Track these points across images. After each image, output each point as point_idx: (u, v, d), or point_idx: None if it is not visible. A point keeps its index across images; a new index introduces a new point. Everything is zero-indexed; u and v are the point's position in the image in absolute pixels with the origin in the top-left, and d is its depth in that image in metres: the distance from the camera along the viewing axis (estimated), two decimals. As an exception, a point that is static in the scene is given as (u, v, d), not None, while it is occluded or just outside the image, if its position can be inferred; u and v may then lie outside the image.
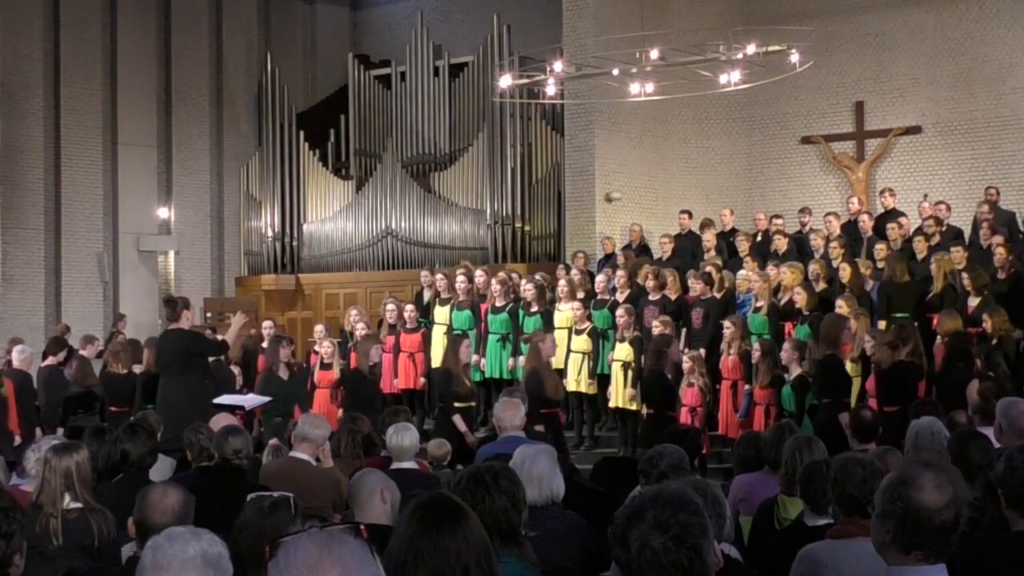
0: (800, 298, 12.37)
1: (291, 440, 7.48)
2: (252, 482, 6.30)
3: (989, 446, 5.51)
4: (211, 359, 11.53)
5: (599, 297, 13.69)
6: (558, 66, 14.56)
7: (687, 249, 15.51)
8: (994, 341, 11.07)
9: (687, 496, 2.64)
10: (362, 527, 2.20)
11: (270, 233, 20.65)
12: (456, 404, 11.39)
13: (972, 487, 5.00)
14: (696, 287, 13.32)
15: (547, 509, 4.76)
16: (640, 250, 16.07)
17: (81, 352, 14.36)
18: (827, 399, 10.34)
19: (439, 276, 14.43)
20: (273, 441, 9.23)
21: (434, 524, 2.69)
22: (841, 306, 11.81)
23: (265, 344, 14.32)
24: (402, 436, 7.04)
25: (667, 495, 2.62)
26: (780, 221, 15.52)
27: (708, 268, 13.74)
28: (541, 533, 4.30)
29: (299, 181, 20.69)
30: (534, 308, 13.41)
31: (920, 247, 13.22)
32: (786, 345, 11.55)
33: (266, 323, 14.79)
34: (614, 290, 13.77)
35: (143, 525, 4.14)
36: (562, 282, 13.63)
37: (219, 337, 12.26)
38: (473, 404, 12.20)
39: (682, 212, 16.26)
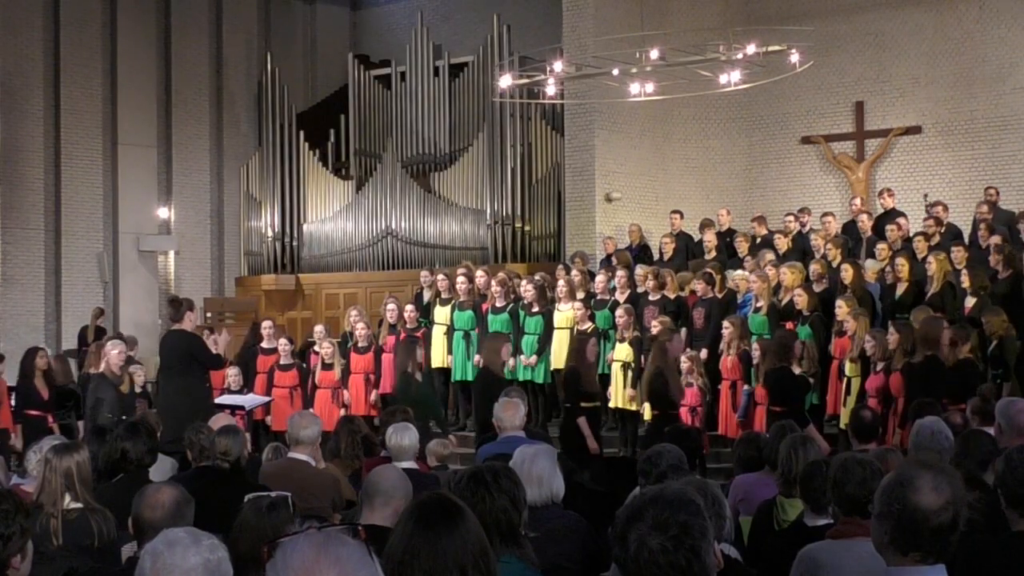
0: (801, 299, 12.36)
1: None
2: (253, 482, 6.30)
3: (992, 444, 5.50)
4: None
5: (599, 297, 13.67)
6: (558, 66, 14.55)
7: (680, 249, 15.50)
8: (994, 342, 11.05)
9: (687, 496, 2.63)
10: (360, 528, 2.19)
11: (270, 233, 20.64)
12: (583, 404, 11.25)
13: (983, 475, 5.00)
14: (698, 287, 13.31)
15: (547, 509, 4.76)
16: (639, 250, 16.06)
17: None
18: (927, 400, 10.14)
19: (440, 276, 14.42)
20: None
21: (431, 525, 2.69)
22: (841, 306, 11.80)
23: (265, 344, 14.30)
24: (401, 436, 7.04)
25: (667, 495, 2.62)
26: (753, 223, 15.46)
27: (708, 268, 13.73)
28: (541, 533, 4.30)
29: (299, 181, 20.69)
30: (535, 308, 13.40)
31: (920, 247, 13.21)
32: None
33: (266, 323, 14.77)
34: (614, 290, 13.77)
35: (137, 521, 4.14)
36: (561, 282, 13.62)
37: (217, 352, 12.29)
38: (599, 404, 11.78)
39: (673, 212, 16.23)
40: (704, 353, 12.46)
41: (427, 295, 14.71)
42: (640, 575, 2.54)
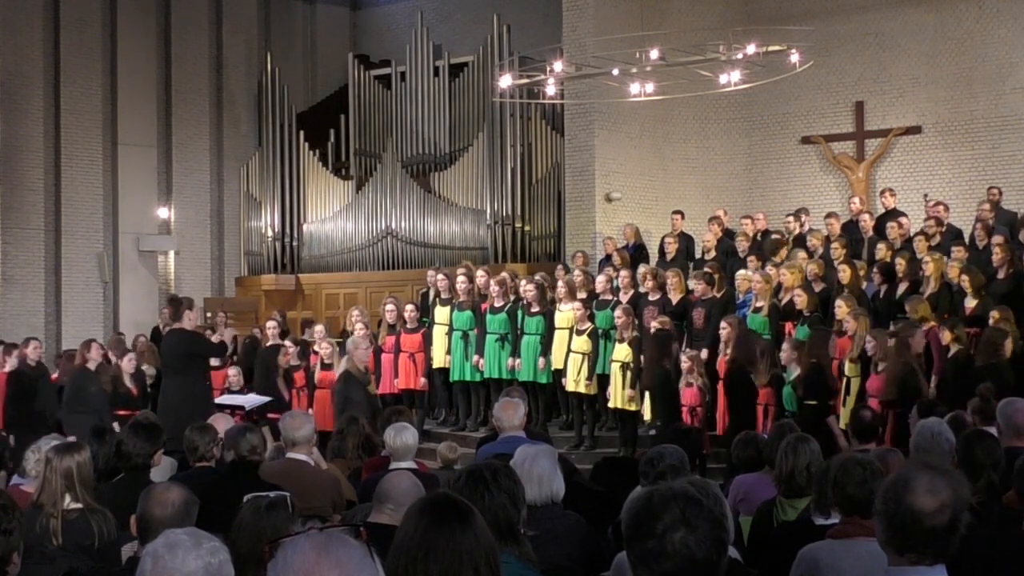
0: (800, 299, 12.36)
1: None
2: (252, 481, 6.29)
3: (996, 446, 5.48)
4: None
5: (602, 297, 13.65)
6: (558, 66, 14.56)
7: (681, 249, 15.50)
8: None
9: (710, 491, 2.63)
10: (362, 528, 2.20)
11: (270, 233, 20.65)
12: (830, 402, 10.93)
13: (976, 487, 5.00)
14: (698, 287, 13.29)
15: (547, 509, 4.76)
16: (635, 250, 16.05)
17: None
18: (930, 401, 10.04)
19: (439, 276, 14.41)
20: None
21: (446, 521, 2.69)
22: (841, 306, 11.80)
23: (271, 343, 14.25)
24: (401, 436, 7.04)
25: (690, 492, 2.59)
26: (748, 221, 15.46)
27: (708, 268, 13.72)
28: (541, 533, 4.30)
29: (299, 181, 20.70)
30: (535, 308, 13.40)
31: (921, 247, 13.21)
32: (785, 345, 11.54)
33: (270, 323, 14.76)
34: (618, 290, 13.74)
35: (144, 519, 4.14)
36: (560, 283, 13.61)
37: (218, 339, 12.24)
38: (831, 404, 11.24)
39: (675, 212, 16.21)
40: (704, 353, 12.46)
41: (432, 294, 14.69)
42: (668, 571, 2.50)
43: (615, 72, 14.37)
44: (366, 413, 10.97)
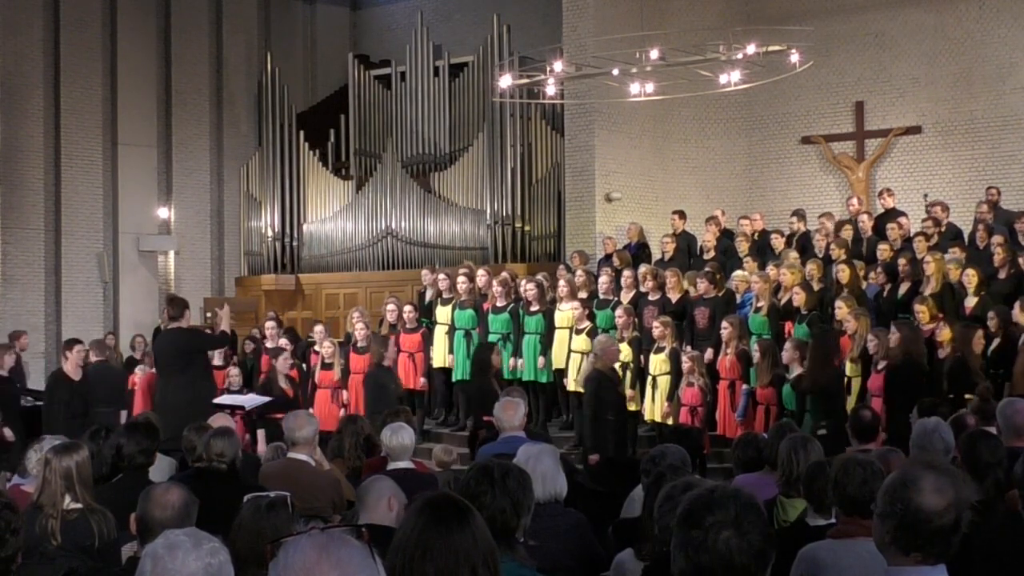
0: (799, 297, 12.35)
1: None
2: (250, 483, 6.29)
3: (999, 446, 5.48)
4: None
5: (602, 297, 13.65)
6: (558, 66, 14.56)
7: (682, 249, 15.49)
8: (997, 340, 11.02)
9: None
10: (364, 529, 2.20)
11: (270, 233, 20.65)
12: (967, 395, 10.88)
13: (980, 487, 5.00)
14: (700, 287, 13.27)
15: (549, 507, 4.76)
16: (638, 249, 16.05)
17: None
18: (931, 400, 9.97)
19: (440, 276, 14.41)
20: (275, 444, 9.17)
21: (444, 521, 2.69)
22: (841, 306, 11.79)
23: (269, 344, 14.24)
24: (398, 436, 7.03)
25: (750, 498, 2.59)
26: (746, 222, 15.46)
27: (709, 268, 13.71)
28: (542, 531, 4.30)
29: (299, 181, 20.70)
30: (535, 307, 13.40)
31: (920, 247, 13.21)
32: (787, 345, 11.53)
33: (269, 323, 14.74)
34: (619, 289, 13.73)
35: (143, 520, 4.14)
36: (562, 282, 13.61)
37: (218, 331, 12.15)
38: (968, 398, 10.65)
39: (674, 212, 16.20)
40: (709, 353, 12.45)
41: (429, 294, 14.70)
42: (704, 564, 2.49)
43: (615, 72, 14.37)
44: (617, 414, 10.95)
